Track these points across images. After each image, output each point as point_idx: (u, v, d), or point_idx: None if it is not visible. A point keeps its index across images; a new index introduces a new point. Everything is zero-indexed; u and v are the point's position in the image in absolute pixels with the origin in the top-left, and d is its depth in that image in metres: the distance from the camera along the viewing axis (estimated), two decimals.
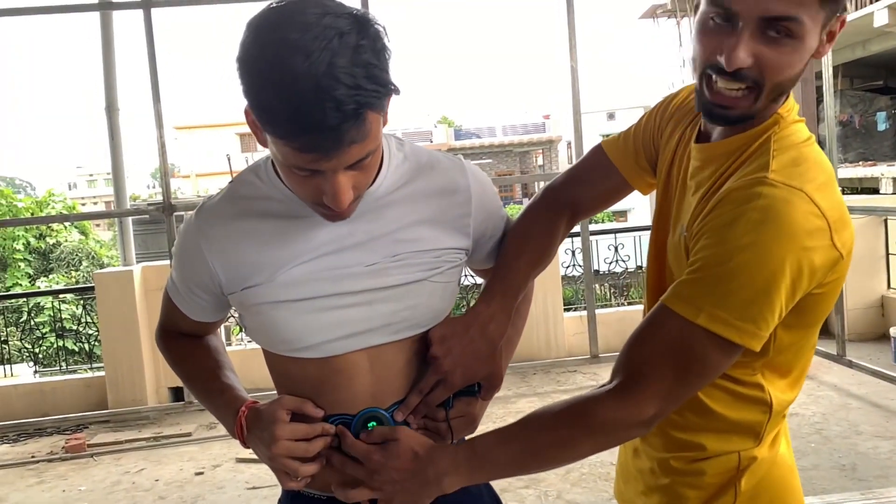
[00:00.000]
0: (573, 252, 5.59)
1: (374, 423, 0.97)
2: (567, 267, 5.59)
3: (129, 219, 5.20)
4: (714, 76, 0.87)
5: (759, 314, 0.82)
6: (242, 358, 4.69)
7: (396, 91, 0.82)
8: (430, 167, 1.02)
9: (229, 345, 5.31)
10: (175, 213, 4.46)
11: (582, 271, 4.86)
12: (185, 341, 1.13)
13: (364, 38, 0.78)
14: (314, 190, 0.86)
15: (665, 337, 0.86)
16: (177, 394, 4.72)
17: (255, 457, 1.01)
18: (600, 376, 4.54)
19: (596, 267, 5.48)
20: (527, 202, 1.23)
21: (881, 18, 11.03)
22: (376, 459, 0.93)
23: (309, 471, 0.96)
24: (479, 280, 1.20)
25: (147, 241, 5.63)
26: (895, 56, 13.30)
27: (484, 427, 0.99)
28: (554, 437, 0.91)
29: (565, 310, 5.26)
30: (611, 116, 34.24)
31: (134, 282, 4.62)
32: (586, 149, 4.70)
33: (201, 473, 3.64)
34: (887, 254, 5.09)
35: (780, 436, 1.00)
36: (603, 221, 17.18)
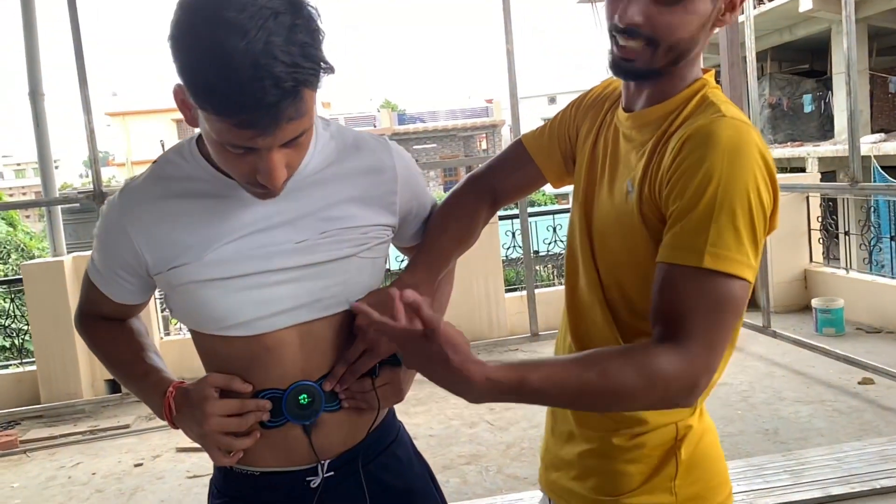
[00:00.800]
0: (513, 234, 5.67)
1: (305, 396, 0.99)
2: (508, 248, 5.67)
3: (59, 208, 5.03)
4: (616, 35, 0.93)
5: (749, 239, 0.85)
6: (181, 347, 4.63)
7: (332, 70, 0.84)
8: (356, 147, 1.04)
9: (168, 334, 5.21)
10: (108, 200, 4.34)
11: (522, 253, 4.94)
12: (108, 325, 1.12)
13: (298, 19, 0.80)
14: (247, 168, 0.87)
15: (683, 291, 0.85)
16: (113, 386, 4.62)
17: (197, 445, 1.02)
18: (540, 353, 4.64)
19: (535, 248, 5.58)
20: None
21: (806, 4, 11.44)
22: (454, 335, 0.83)
23: (243, 444, 0.98)
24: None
25: (79, 230, 5.46)
26: (820, 40, 13.82)
27: (427, 408, 1.01)
28: (612, 385, 0.84)
29: (506, 290, 5.35)
30: (552, 100, 34.60)
31: (65, 272, 4.49)
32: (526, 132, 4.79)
33: (140, 465, 3.58)
34: (809, 229, 5.33)
35: (703, 406, 1.04)
36: (544, 204, 17.40)
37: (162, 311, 5.03)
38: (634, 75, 0.97)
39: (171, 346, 4.81)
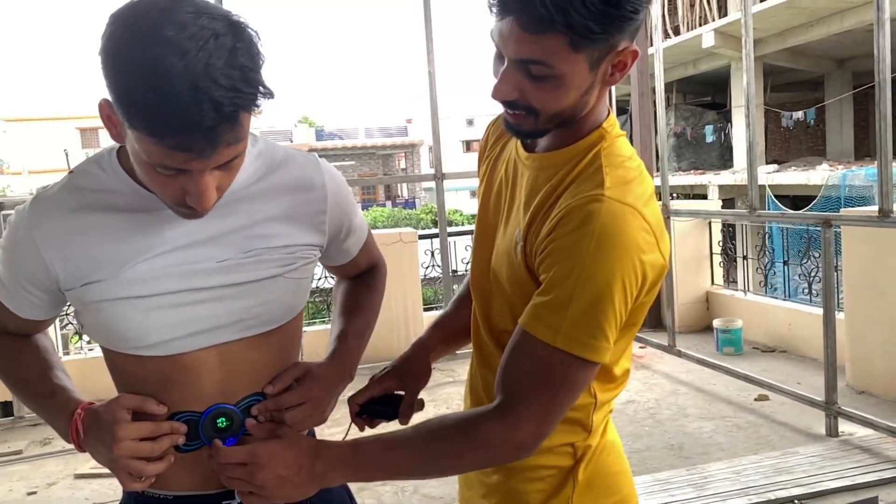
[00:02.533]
0: (432, 253, 5.71)
1: (224, 420, 0.96)
2: (427, 268, 5.70)
3: None
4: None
5: (606, 325, 0.88)
6: (82, 367, 4.38)
7: (271, 95, 0.82)
8: (284, 163, 1.02)
9: (67, 354, 4.93)
10: (2, 212, 4.09)
11: (441, 272, 4.98)
12: (10, 340, 1.05)
13: (239, 42, 0.78)
14: (176, 188, 0.84)
15: (531, 361, 0.90)
16: (5, 409, 4.32)
17: (97, 471, 0.97)
18: (457, 373, 4.67)
19: (454, 267, 5.63)
20: (389, 205, 1.28)
21: (708, 40, 12.17)
22: (262, 454, 0.91)
23: (156, 470, 0.93)
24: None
25: None
26: (721, 75, 14.70)
27: (342, 428, 1.00)
28: (441, 448, 0.93)
29: (425, 309, 5.36)
30: (470, 123, 35.14)
31: None
32: (445, 153, 4.81)
33: (34, 493, 3.35)
34: (711, 253, 5.63)
35: (608, 424, 1.08)
36: (462, 224, 17.60)
37: (62, 329, 4.76)
38: (525, 136, 1.00)
39: (71, 366, 4.54)
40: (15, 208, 0.98)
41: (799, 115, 13.44)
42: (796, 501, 2.79)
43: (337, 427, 1.04)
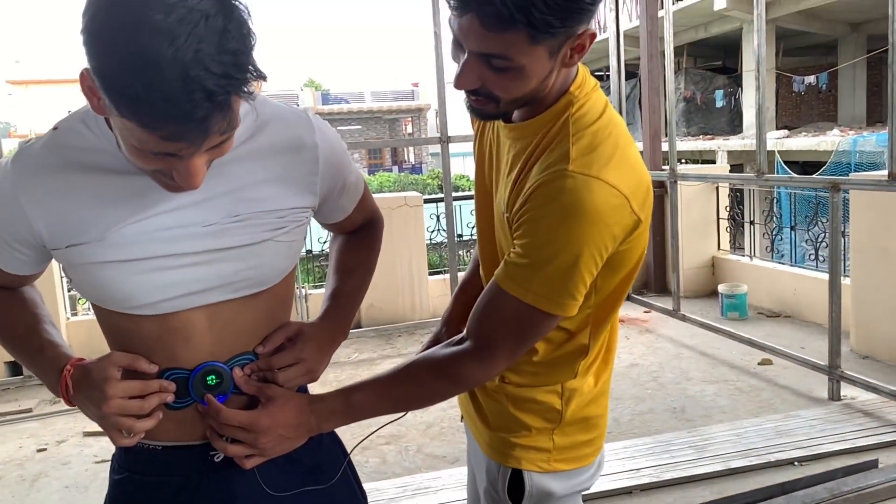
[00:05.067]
0: (438, 217, 5.69)
1: (214, 377, 0.96)
2: (432, 232, 5.69)
3: None
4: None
5: (574, 288, 0.96)
6: (89, 328, 4.43)
7: (264, 77, 0.79)
8: (274, 121, 0.98)
9: (75, 314, 4.96)
10: None
11: (446, 237, 4.97)
12: None
13: (230, 22, 0.74)
14: (164, 168, 0.82)
15: (503, 312, 1.00)
16: (14, 368, 4.37)
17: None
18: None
19: (459, 232, 5.61)
20: (396, 170, 1.31)
21: (720, 3, 11.94)
22: (264, 423, 0.96)
23: (144, 426, 0.93)
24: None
25: None
26: (732, 39, 14.45)
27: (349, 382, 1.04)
28: (423, 389, 1.05)
29: (430, 274, 5.37)
30: None
31: None
32: (452, 117, 4.77)
33: (44, 450, 3.42)
34: (718, 218, 5.60)
35: (599, 375, 1.16)
36: (468, 189, 17.53)
37: (69, 291, 4.79)
38: (488, 118, 1.04)
39: (78, 326, 4.60)
40: None
41: (811, 79, 13.26)
42: (796, 463, 2.81)
43: (328, 388, 1.06)
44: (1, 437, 3.61)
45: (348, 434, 1.12)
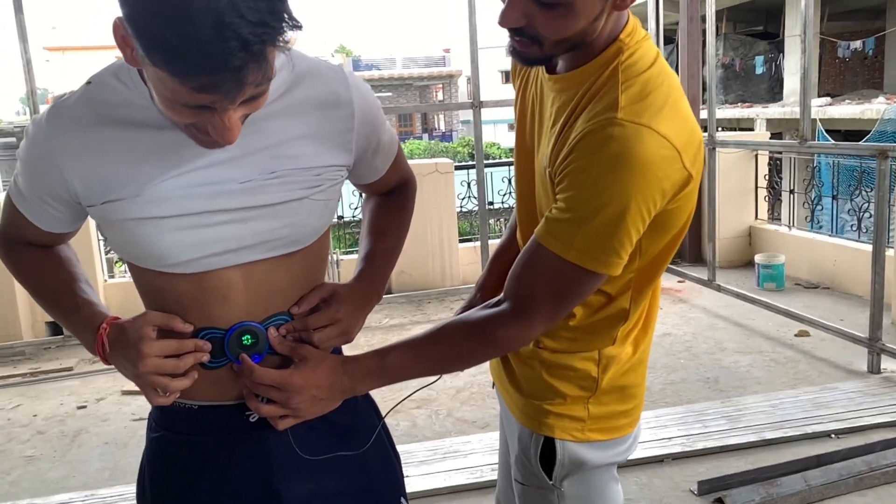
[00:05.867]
0: (468, 184, 5.65)
1: (249, 337, 0.96)
2: (463, 199, 5.66)
3: None
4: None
5: (619, 245, 0.91)
6: (126, 290, 4.51)
7: (300, 26, 0.76)
8: (309, 75, 0.96)
9: (112, 277, 5.06)
10: None
11: (477, 204, 4.94)
12: (33, 251, 1.04)
13: None
14: (199, 122, 0.80)
15: (544, 270, 0.95)
16: (55, 328, 4.49)
17: None
18: None
19: (490, 199, 5.56)
20: (426, 137, 1.27)
21: None
22: (296, 382, 0.94)
23: (180, 386, 0.93)
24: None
25: (14, 166, 5.21)
26: (774, 2, 13.96)
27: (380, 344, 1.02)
28: (460, 350, 1.01)
29: (460, 241, 5.36)
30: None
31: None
32: (484, 83, 4.68)
33: (84, 407, 3.52)
34: (756, 187, 5.46)
35: (638, 343, 1.12)
36: (499, 157, 17.39)
37: (107, 253, 4.87)
38: (531, 62, 1.00)
39: (115, 288, 4.69)
40: (32, 118, 0.96)
41: (857, 45, 12.78)
42: (833, 436, 2.76)
43: (358, 351, 1.05)
44: (43, 395, 3.71)
45: (380, 397, 1.12)
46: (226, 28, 0.69)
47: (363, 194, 1.24)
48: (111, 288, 4.71)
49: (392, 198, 1.20)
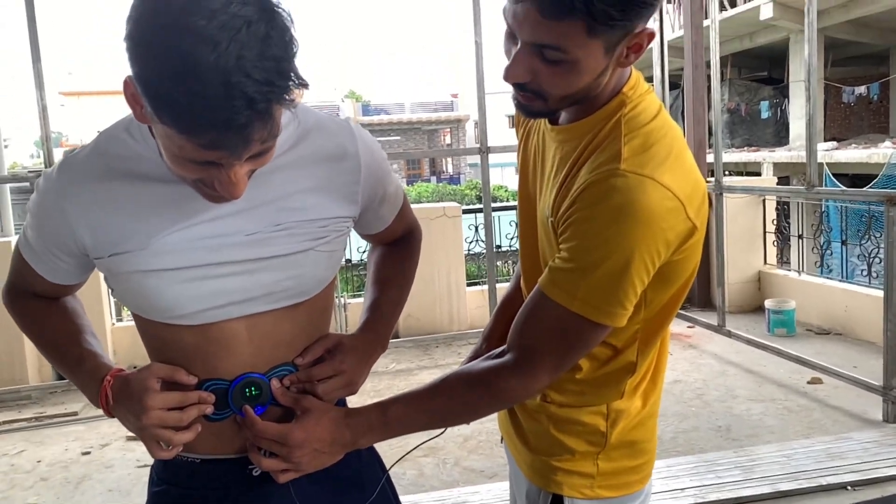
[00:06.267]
0: (476, 228, 5.67)
1: (253, 389, 0.95)
2: (470, 243, 5.67)
3: (7, 187, 4.84)
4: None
5: (623, 296, 0.91)
6: (134, 333, 4.50)
7: (306, 85, 0.78)
8: (316, 130, 0.98)
9: (120, 320, 5.07)
10: None
11: (485, 247, 4.95)
12: (39, 303, 1.05)
13: (272, 29, 0.74)
14: (206, 178, 0.82)
15: (548, 321, 0.95)
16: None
17: None
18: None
19: (498, 243, 5.58)
20: (434, 180, 1.28)
21: (766, 12, 11.72)
22: (298, 437, 0.94)
23: (183, 439, 0.93)
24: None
25: (26, 210, 5.26)
26: (779, 49, 14.17)
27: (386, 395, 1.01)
28: (462, 402, 1.00)
29: (468, 284, 5.35)
30: None
31: (10, 252, 4.32)
32: (491, 128, 4.74)
33: (88, 453, 3.48)
34: (764, 232, 5.45)
35: (648, 396, 1.10)
36: (506, 200, 17.48)
37: (114, 296, 4.88)
38: (535, 115, 1.00)
39: (123, 332, 4.69)
40: (43, 172, 0.98)
41: (861, 90, 12.90)
42: (849, 488, 2.70)
43: (365, 397, 1.03)
44: (48, 440, 3.69)
45: (387, 447, 1.10)
46: (233, 87, 0.71)
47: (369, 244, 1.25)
48: (119, 331, 4.70)
49: (398, 247, 1.21)
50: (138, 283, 0.92)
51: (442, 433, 1.08)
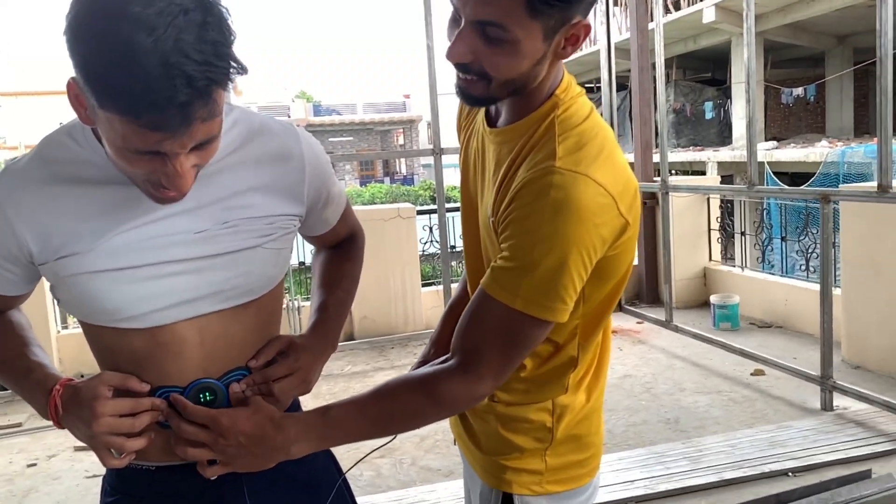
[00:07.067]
0: (430, 228, 5.70)
1: (208, 394, 0.95)
2: (425, 244, 5.70)
3: None
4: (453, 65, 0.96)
5: (564, 291, 0.93)
6: (80, 342, 4.37)
7: (244, 70, 0.80)
8: (261, 132, 1.00)
9: (66, 328, 4.92)
10: None
11: (439, 248, 4.98)
12: None
13: (209, 17, 0.76)
14: (152, 173, 0.82)
15: (491, 321, 0.96)
16: None
17: None
18: None
19: (452, 243, 5.62)
20: (388, 181, 1.29)
21: (709, 15, 12.05)
22: (224, 423, 0.92)
23: (135, 446, 0.92)
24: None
25: None
26: (721, 51, 14.58)
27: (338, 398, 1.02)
28: (404, 407, 0.98)
29: (423, 285, 5.37)
30: None
31: None
32: (444, 128, 4.78)
33: (34, 465, 3.38)
34: (709, 229, 5.63)
35: (591, 391, 1.13)
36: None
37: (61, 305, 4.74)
38: (475, 102, 1.02)
39: (69, 340, 4.56)
40: None
41: (799, 91, 13.37)
42: (790, 474, 2.82)
43: (321, 400, 1.04)
44: None
45: (343, 450, 1.12)
46: (172, 67, 0.73)
47: (314, 248, 1.27)
48: (64, 339, 4.58)
49: (342, 250, 1.23)
50: (85, 285, 0.91)
51: (392, 440, 1.08)
